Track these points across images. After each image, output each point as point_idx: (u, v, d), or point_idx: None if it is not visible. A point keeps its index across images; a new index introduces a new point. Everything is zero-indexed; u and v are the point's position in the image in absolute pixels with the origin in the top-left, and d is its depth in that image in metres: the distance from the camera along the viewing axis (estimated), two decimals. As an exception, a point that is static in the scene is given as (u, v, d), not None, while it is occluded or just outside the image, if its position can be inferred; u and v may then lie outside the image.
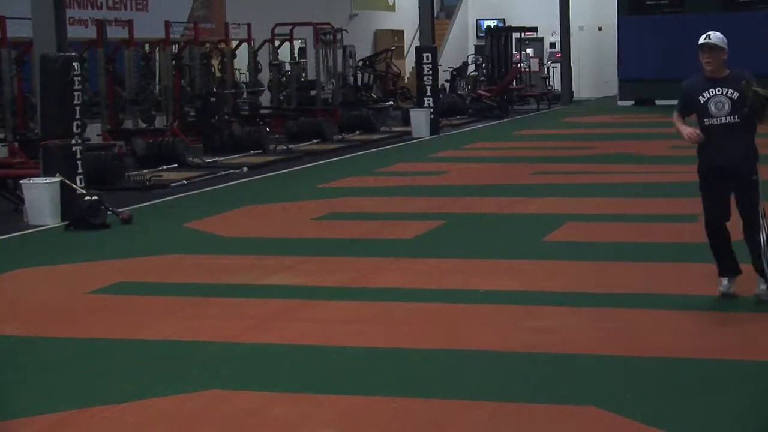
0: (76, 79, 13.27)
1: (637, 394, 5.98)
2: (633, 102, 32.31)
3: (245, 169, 18.02)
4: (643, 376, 6.32)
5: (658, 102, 31.70)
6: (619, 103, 32.85)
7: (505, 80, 32.12)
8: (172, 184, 16.14)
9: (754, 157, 7.68)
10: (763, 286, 7.67)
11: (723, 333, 7.26)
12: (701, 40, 7.61)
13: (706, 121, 7.65)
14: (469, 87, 33.73)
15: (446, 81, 33.59)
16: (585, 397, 5.95)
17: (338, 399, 6.08)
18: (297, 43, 27.82)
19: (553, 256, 9.92)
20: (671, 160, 17.40)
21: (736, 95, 7.50)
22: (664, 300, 8.02)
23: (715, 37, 7.59)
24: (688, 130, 7.73)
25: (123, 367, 6.89)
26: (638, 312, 7.75)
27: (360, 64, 29.77)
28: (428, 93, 24.50)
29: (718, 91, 7.57)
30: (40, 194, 12.74)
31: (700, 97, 7.65)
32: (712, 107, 7.60)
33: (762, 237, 7.55)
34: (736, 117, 7.53)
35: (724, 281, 7.89)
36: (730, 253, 7.87)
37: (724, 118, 7.55)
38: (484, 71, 33.75)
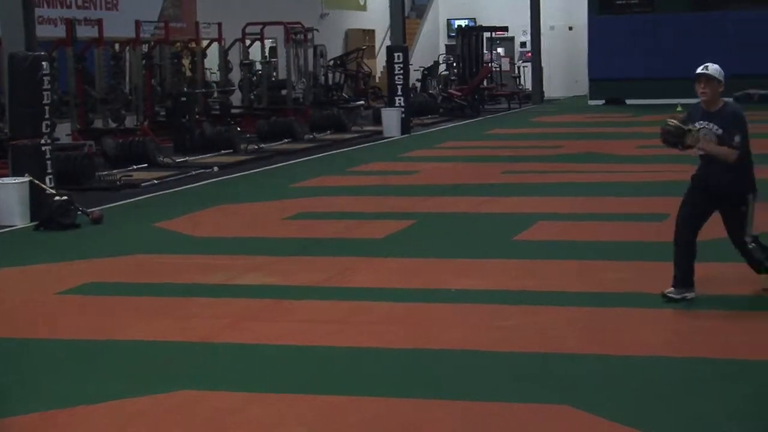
0: (45, 78, 13.18)
1: (610, 393, 6.01)
2: (603, 101, 32.45)
3: (216, 168, 17.97)
4: (616, 374, 6.35)
5: (628, 101, 31.89)
6: (590, 102, 32.99)
7: (476, 79, 32.18)
8: (143, 184, 16.07)
9: (744, 186, 7.63)
10: None
11: (696, 331, 7.29)
12: (698, 70, 7.62)
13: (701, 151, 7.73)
14: (440, 86, 33.75)
15: (417, 80, 33.60)
16: (558, 396, 5.97)
17: (313, 399, 6.08)
18: (268, 43, 27.76)
19: (524, 255, 9.95)
20: (640, 159, 17.50)
21: (720, 131, 7.54)
22: (635, 298, 8.06)
23: (713, 68, 7.59)
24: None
25: (96, 367, 6.85)
26: (609, 311, 7.79)
27: (331, 63, 29.73)
28: (399, 92, 24.50)
29: (708, 124, 7.61)
30: (9, 194, 12.64)
31: (696, 124, 7.68)
32: (703, 133, 7.63)
33: (757, 254, 7.61)
34: None
35: (671, 288, 7.87)
36: (688, 265, 7.78)
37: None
38: (455, 70, 33.78)
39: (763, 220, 8.00)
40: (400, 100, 24.50)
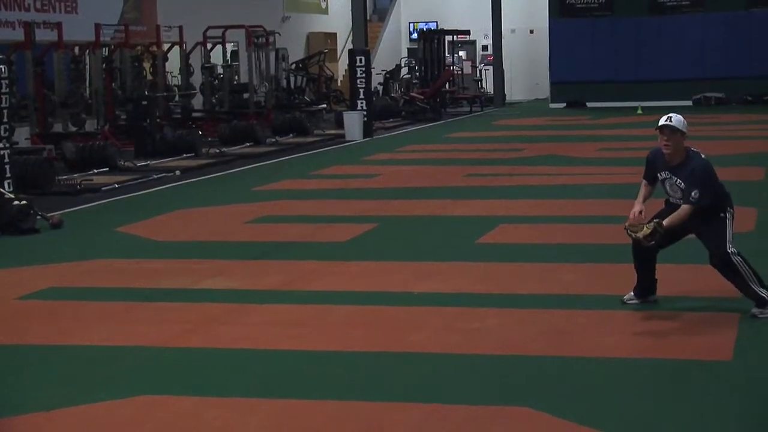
0: (3, 82, 13.10)
1: (570, 394, 6.04)
2: (564, 104, 32.64)
3: (178, 172, 17.90)
4: (575, 376, 6.38)
5: (589, 104, 32.09)
6: (551, 105, 33.19)
7: (437, 83, 32.26)
8: (104, 188, 15.98)
9: (717, 207, 7.44)
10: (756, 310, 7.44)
11: (654, 333, 7.34)
12: (661, 121, 7.45)
13: (667, 196, 7.70)
14: (402, 90, 33.81)
15: (379, 84, 33.64)
16: (518, 397, 6.00)
17: (273, 402, 6.07)
18: (229, 46, 27.71)
19: (486, 258, 9.98)
20: (601, 161, 17.61)
21: (683, 185, 7.44)
22: (596, 301, 8.11)
23: (676, 119, 7.42)
24: (634, 209, 7.66)
25: (54, 373, 6.80)
26: (571, 313, 7.82)
27: (293, 66, 29.71)
28: (361, 96, 24.52)
29: (672, 177, 7.53)
30: (-32, 199, 12.53)
31: (659, 174, 7.64)
32: (668, 188, 7.63)
33: (742, 268, 7.36)
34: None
35: (631, 293, 7.92)
36: (648, 276, 7.81)
37: (679, 200, 7.54)
38: (417, 74, 33.85)
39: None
40: (362, 103, 24.51)
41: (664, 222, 7.47)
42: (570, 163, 17.62)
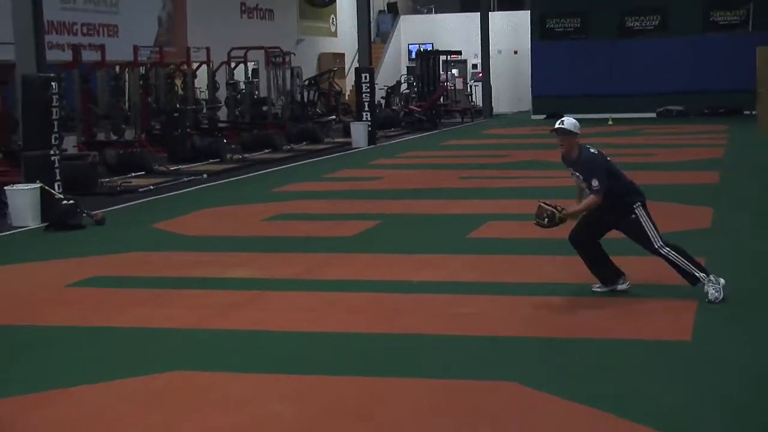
0: (54, 96, 13.10)
1: (552, 371, 6.03)
2: (545, 116, 32.60)
3: (205, 175, 17.90)
4: (555, 354, 6.37)
5: (567, 116, 32.06)
6: (533, 116, 33.15)
7: (433, 97, 32.22)
8: (140, 189, 15.98)
9: (624, 206, 7.39)
10: (707, 288, 7.36)
11: (623, 317, 7.30)
12: (556, 124, 7.39)
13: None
14: (402, 103, 33.76)
15: (382, 98, 33.60)
16: (507, 374, 5.98)
17: (292, 378, 6.06)
18: (250, 65, 27.66)
19: (476, 251, 9.97)
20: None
21: (581, 177, 7.45)
22: (572, 289, 8.09)
23: (569, 122, 7.35)
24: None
25: (95, 351, 6.80)
26: (550, 299, 7.81)
27: (306, 83, 29.68)
28: (366, 108, 24.51)
29: (575, 172, 7.54)
30: (23, 199, 12.56)
31: (569, 171, 7.67)
32: (578, 182, 7.63)
33: (672, 257, 7.35)
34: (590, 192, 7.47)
35: (599, 283, 7.85)
36: (599, 267, 7.73)
37: (586, 191, 7.53)
38: (415, 89, 33.82)
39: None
40: (367, 114, 24.49)
41: (569, 210, 7.42)
42: (550, 168, 17.57)
